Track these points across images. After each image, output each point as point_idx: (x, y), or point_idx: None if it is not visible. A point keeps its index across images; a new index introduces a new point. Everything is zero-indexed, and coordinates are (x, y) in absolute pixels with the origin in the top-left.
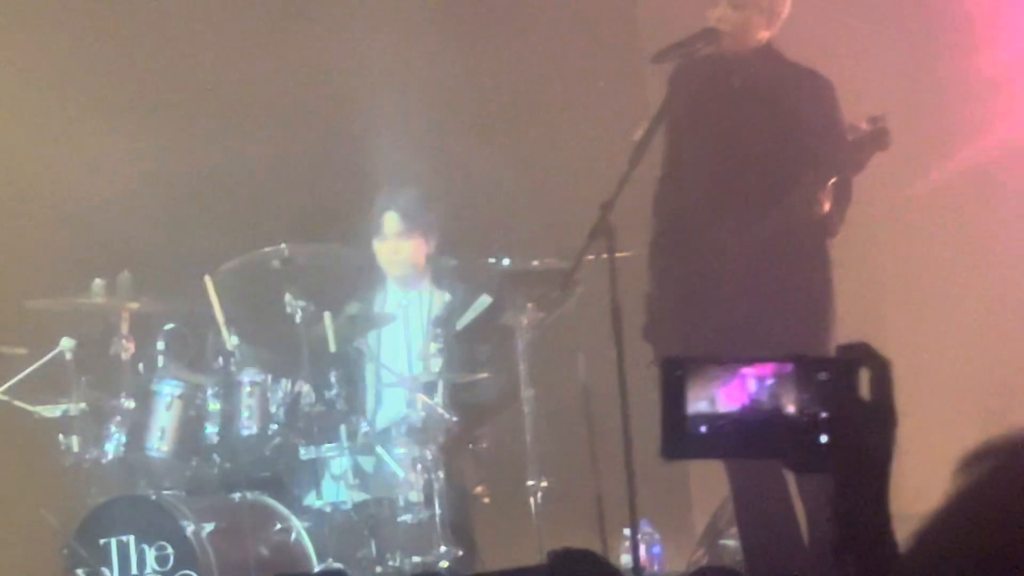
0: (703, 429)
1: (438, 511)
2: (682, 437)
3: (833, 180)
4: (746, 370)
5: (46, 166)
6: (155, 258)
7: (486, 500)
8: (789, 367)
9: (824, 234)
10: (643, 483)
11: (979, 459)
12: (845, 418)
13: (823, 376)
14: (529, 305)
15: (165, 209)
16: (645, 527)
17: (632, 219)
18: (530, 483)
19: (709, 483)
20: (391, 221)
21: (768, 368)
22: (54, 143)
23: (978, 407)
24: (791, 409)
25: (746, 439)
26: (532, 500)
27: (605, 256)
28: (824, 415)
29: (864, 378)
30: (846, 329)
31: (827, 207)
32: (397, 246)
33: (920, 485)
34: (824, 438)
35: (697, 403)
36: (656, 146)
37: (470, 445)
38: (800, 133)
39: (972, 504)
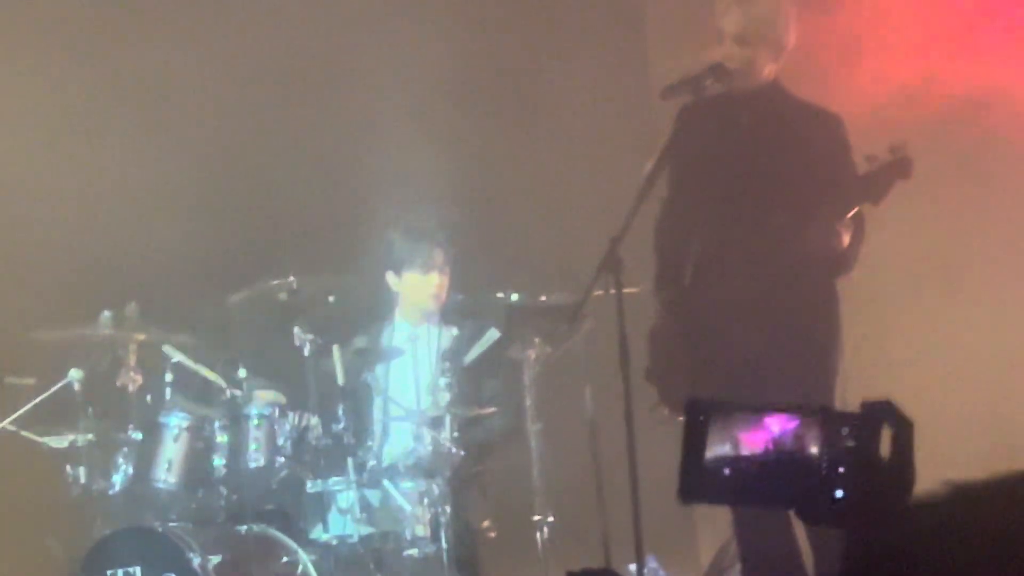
0: (721, 475)
1: (444, 545)
2: (700, 481)
3: (852, 213)
4: (768, 419)
5: (55, 197)
6: (163, 290)
7: (492, 535)
8: (812, 419)
9: (839, 270)
10: (649, 519)
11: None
12: (862, 475)
13: (845, 431)
14: (537, 339)
15: (173, 241)
16: (651, 563)
17: (640, 254)
18: (536, 518)
19: (714, 520)
20: (434, 254)
21: (790, 418)
22: (64, 174)
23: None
24: (810, 461)
25: (762, 488)
26: (538, 535)
27: (613, 291)
28: (842, 470)
29: (886, 436)
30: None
31: (845, 241)
32: (433, 279)
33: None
34: (840, 493)
35: (717, 448)
36: (663, 182)
37: (477, 479)
38: (810, 169)
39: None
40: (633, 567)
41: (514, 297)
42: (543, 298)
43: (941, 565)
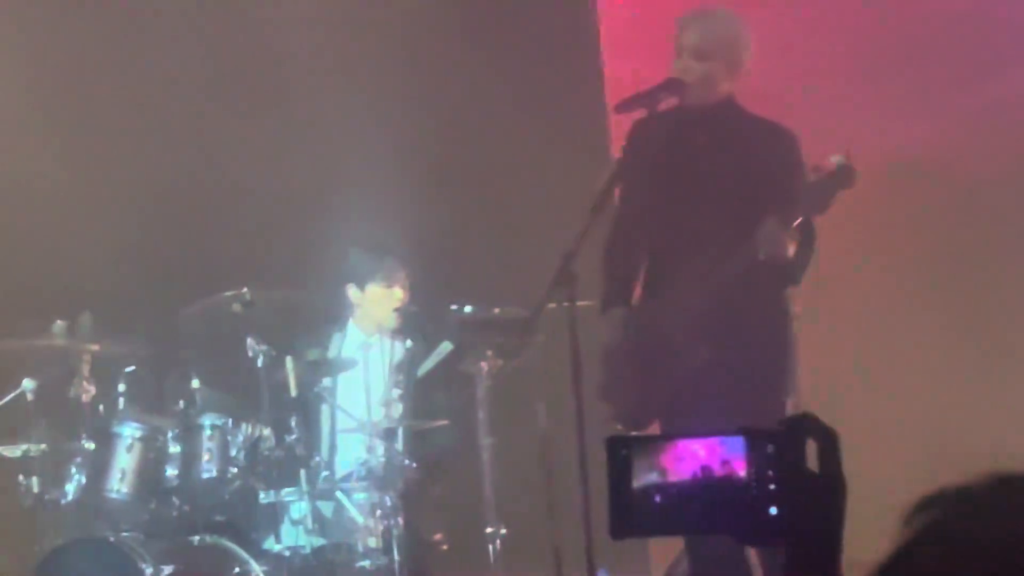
0: (652, 507)
1: (396, 557)
2: (630, 516)
3: (797, 222)
4: (692, 446)
5: (8, 207)
6: (117, 301)
7: (444, 547)
8: (737, 441)
9: (787, 281)
10: (601, 532)
11: (922, 510)
12: (793, 490)
13: (770, 449)
14: (489, 352)
15: (128, 251)
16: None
17: (594, 268)
18: (488, 531)
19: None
20: (397, 269)
21: (716, 442)
22: (15, 186)
23: (928, 462)
24: (740, 483)
25: (695, 515)
26: (491, 548)
27: (567, 304)
28: (772, 487)
29: (811, 449)
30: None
31: (792, 251)
32: (397, 294)
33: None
34: (774, 510)
35: (644, 481)
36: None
37: (429, 492)
38: (762, 184)
39: (914, 555)
40: None
41: (467, 310)
42: (496, 311)
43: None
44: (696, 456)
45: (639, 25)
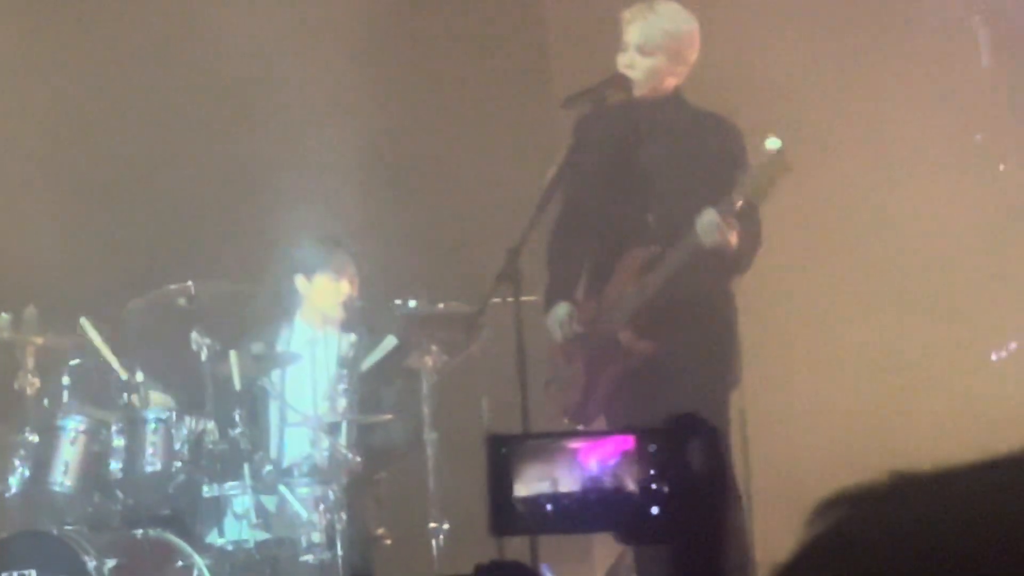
0: (533, 506)
1: (340, 552)
2: (511, 515)
3: (739, 205)
4: (575, 445)
5: None
6: (61, 293)
7: (388, 542)
8: (617, 440)
9: (733, 271)
10: None
11: (830, 507)
12: (675, 490)
13: (653, 448)
14: (434, 348)
15: (72, 244)
16: (546, 572)
17: (539, 264)
18: (432, 525)
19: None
20: (343, 260)
21: (598, 442)
22: None
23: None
24: (621, 482)
25: (577, 515)
26: (434, 542)
27: (511, 300)
28: (654, 487)
29: (696, 449)
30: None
31: (734, 239)
32: (344, 287)
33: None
34: (655, 510)
35: (526, 480)
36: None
37: (373, 486)
38: (706, 176)
39: (821, 553)
40: None
41: (412, 304)
42: (441, 306)
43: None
44: (578, 456)
45: (587, 17)
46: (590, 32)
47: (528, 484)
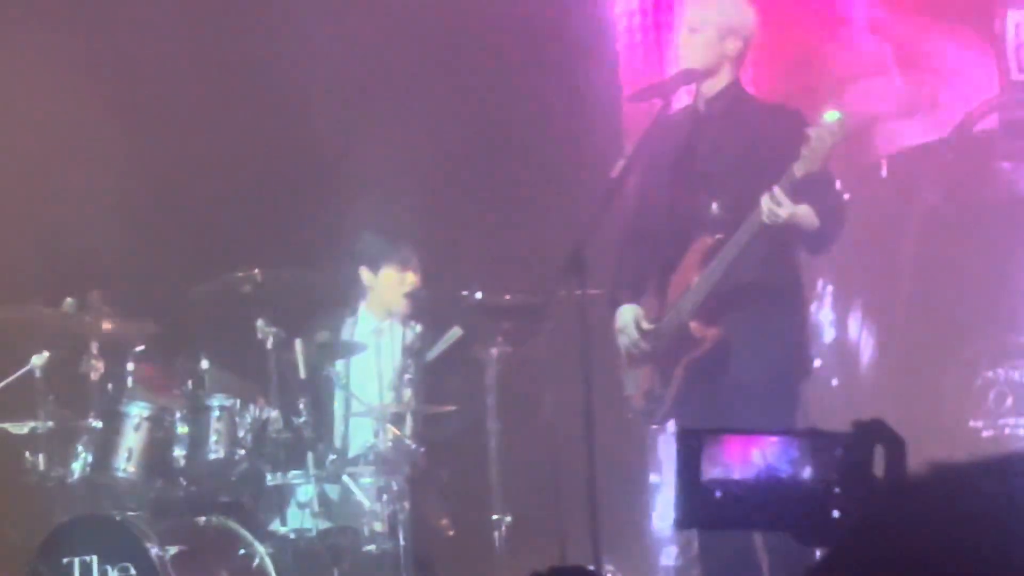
0: (717, 501)
1: (402, 542)
2: (696, 508)
3: (801, 174)
4: (760, 443)
5: (20, 182)
6: (128, 280)
7: (450, 533)
8: (804, 441)
9: (809, 250)
10: (606, 521)
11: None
12: (858, 494)
13: (838, 452)
14: (499, 338)
15: (138, 230)
16: (608, 565)
17: (605, 257)
18: (495, 517)
19: (671, 524)
20: (408, 252)
21: (782, 441)
22: (29, 164)
23: None
24: (805, 483)
25: (759, 511)
26: (496, 534)
27: (577, 292)
28: (837, 490)
29: (878, 455)
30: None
31: (795, 212)
32: (409, 278)
33: None
34: (836, 513)
35: (712, 475)
36: (631, 185)
37: (436, 477)
38: (769, 161)
39: (863, 542)
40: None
41: (478, 295)
42: (507, 297)
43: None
44: (762, 455)
45: (654, 9)
46: (657, 22)
47: (714, 479)
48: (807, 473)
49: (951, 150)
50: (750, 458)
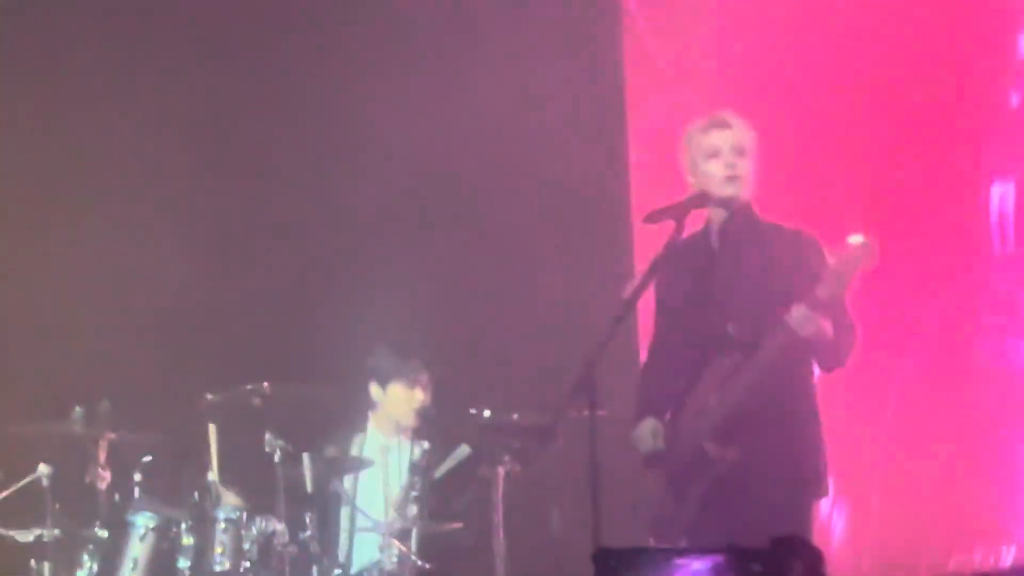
0: None
1: None
2: None
3: (824, 296)
4: (680, 561)
5: (30, 292)
6: (136, 390)
7: None
8: (722, 558)
9: (830, 362)
10: None
11: None
12: None
13: (756, 568)
14: (507, 457)
15: (148, 342)
16: None
17: (615, 377)
18: None
19: None
20: (417, 368)
21: (702, 559)
22: (36, 272)
23: None
24: None
25: None
26: None
27: (586, 413)
28: None
29: (797, 569)
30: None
31: (829, 328)
32: (418, 395)
33: None
34: None
35: None
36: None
37: None
38: (785, 284)
39: None
40: None
41: (486, 414)
42: (515, 416)
43: None
44: (688, 570)
45: (667, 124)
46: (672, 138)
47: None
48: None
49: None
50: (669, 575)
